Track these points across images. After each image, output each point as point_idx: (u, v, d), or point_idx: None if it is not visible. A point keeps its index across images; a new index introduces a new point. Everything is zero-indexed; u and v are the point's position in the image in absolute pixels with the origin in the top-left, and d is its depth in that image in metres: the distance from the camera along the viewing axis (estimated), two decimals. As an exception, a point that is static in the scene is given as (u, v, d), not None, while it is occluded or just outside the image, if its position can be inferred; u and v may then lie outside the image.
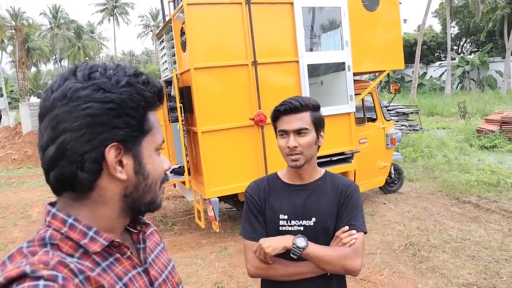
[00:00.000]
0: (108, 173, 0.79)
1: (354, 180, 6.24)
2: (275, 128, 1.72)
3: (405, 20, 45.42)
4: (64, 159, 0.76)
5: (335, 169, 5.88)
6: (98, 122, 0.75)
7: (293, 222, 1.68)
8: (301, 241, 1.56)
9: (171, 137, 6.27)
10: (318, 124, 1.68)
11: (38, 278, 0.67)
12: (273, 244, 1.59)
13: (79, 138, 0.75)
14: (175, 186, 7.11)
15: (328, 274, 1.67)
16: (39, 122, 0.80)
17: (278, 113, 1.67)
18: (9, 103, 36.11)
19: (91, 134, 0.75)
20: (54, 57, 60.36)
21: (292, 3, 5.40)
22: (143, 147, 0.83)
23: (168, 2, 6.09)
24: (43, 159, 0.79)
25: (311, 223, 1.67)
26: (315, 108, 1.68)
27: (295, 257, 1.57)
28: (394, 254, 4.89)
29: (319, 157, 5.65)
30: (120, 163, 0.79)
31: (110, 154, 0.77)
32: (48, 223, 0.79)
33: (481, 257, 4.63)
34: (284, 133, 1.66)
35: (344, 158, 5.89)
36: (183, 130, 5.53)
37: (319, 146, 1.72)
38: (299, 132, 1.63)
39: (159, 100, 0.86)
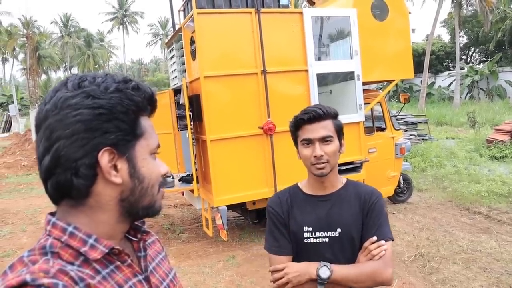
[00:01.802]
0: (103, 178, 0.80)
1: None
2: (297, 137, 1.69)
3: (413, 30, 45.35)
4: (59, 166, 0.77)
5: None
6: (89, 128, 0.77)
7: (318, 234, 1.65)
8: (324, 272, 1.54)
9: (180, 145, 6.29)
10: (340, 131, 1.68)
11: (39, 286, 0.67)
12: (300, 270, 1.59)
13: (72, 144, 0.76)
14: (183, 194, 7.13)
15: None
16: (35, 135, 0.82)
17: (301, 122, 1.64)
18: (20, 109, 36.50)
19: (83, 140, 0.76)
20: (64, 65, 61.02)
21: (301, 13, 5.43)
22: (137, 150, 0.84)
23: (178, 11, 6.14)
24: (40, 170, 0.80)
25: (336, 234, 1.64)
26: (336, 115, 1.68)
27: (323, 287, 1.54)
28: (403, 265, 4.83)
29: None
30: (115, 167, 0.80)
31: (104, 158, 0.78)
32: (49, 232, 0.80)
33: (493, 269, 4.56)
34: (309, 142, 1.63)
35: (353, 167, 5.86)
36: (192, 138, 5.54)
37: (339, 154, 1.70)
38: (324, 140, 1.62)
39: (150, 105, 0.87)
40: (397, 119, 11.58)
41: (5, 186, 10.53)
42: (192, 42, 5.30)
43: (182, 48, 5.84)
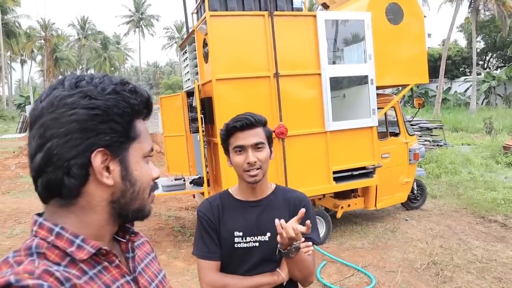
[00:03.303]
0: (95, 179, 0.79)
1: (376, 196, 6.13)
2: (228, 145, 1.72)
3: (429, 35, 44.94)
4: (51, 165, 0.76)
5: (356, 183, 5.80)
6: (84, 128, 0.76)
7: (248, 239, 1.70)
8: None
9: (191, 148, 6.29)
10: (270, 138, 1.73)
11: (23, 287, 0.66)
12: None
13: (66, 143, 0.76)
14: (194, 197, 7.12)
15: (284, 284, 1.70)
16: (28, 132, 0.81)
17: (234, 129, 1.67)
18: (36, 111, 37.02)
19: (77, 140, 0.76)
20: (80, 67, 61.96)
21: (315, 16, 5.39)
22: (130, 153, 0.83)
23: (192, 13, 6.16)
24: (31, 167, 0.80)
25: (266, 238, 1.70)
26: (265, 123, 1.73)
27: (292, 255, 1.53)
28: (415, 273, 4.74)
29: (340, 171, 5.60)
30: (107, 169, 0.80)
31: (97, 159, 0.78)
32: (35, 232, 0.79)
33: (509, 280, 4.44)
34: (241, 149, 1.66)
35: (365, 172, 5.79)
36: (204, 141, 5.54)
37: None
38: (257, 147, 1.66)
39: (146, 108, 0.87)
40: (411, 124, 11.45)
41: (20, 186, 10.67)
42: (205, 44, 5.31)
43: (195, 50, 5.85)
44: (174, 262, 5.30)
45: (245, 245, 1.70)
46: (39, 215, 0.83)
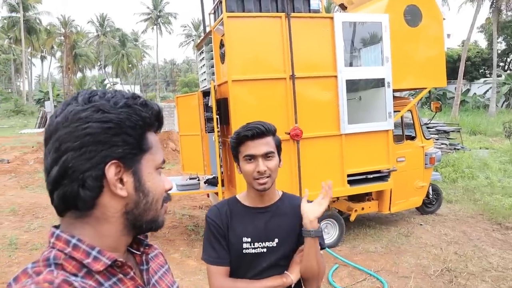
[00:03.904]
0: (109, 190, 0.81)
1: (390, 200, 6.09)
2: (238, 153, 1.75)
3: (448, 35, 44.20)
4: (67, 177, 0.79)
5: (371, 187, 5.76)
6: (98, 141, 0.79)
7: (256, 244, 1.73)
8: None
9: (206, 148, 6.32)
10: (279, 147, 1.77)
11: None
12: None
13: (80, 156, 0.78)
14: (208, 196, 7.17)
15: (292, 286, 1.73)
16: (44, 147, 0.84)
17: (244, 138, 1.70)
18: (55, 106, 37.68)
19: (91, 153, 0.78)
20: (99, 64, 62.78)
21: (332, 18, 5.37)
22: (143, 165, 0.86)
23: (209, 14, 6.19)
24: (47, 181, 0.82)
25: (274, 244, 1.74)
26: (275, 132, 1.76)
27: (318, 235, 1.67)
28: (429, 279, 4.70)
29: (354, 174, 5.57)
30: (121, 180, 0.82)
31: (110, 171, 0.80)
32: (52, 244, 0.82)
33: (524, 289, 4.37)
34: (252, 157, 1.69)
35: (380, 176, 5.75)
36: (219, 141, 5.57)
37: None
38: (267, 156, 1.69)
39: (157, 121, 0.90)
40: (428, 127, 11.30)
41: (38, 181, 10.86)
42: (222, 45, 5.33)
43: (212, 51, 5.88)
44: (187, 261, 5.35)
45: (253, 251, 1.73)
46: (56, 227, 0.85)
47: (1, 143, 18.25)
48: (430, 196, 7.04)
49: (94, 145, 0.78)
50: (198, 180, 6.02)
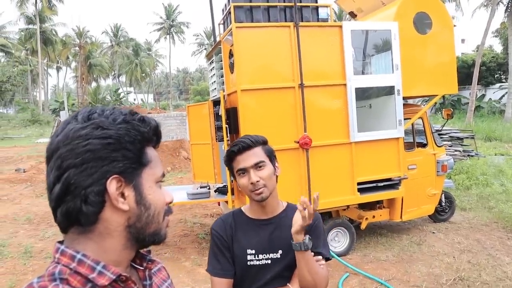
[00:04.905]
0: (111, 205, 0.83)
1: (402, 208, 6.04)
2: (232, 170, 1.78)
3: (463, 40, 43.77)
4: (69, 194, 0.81)
5: (381, 195, 5.73)
6: (98, 157, 0.81)
7: (260, 256, 1.75)
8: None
9: (217, 156, 6.36)
10: (271, 155, 1.78)
11: None
12: None
13: (82, 172, 0.80)
14: (219, 204, 7.20)
15: None
16: (46, 166, 0.86)
17: (232, 154, 1.74)
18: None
19: (92, 168, 0.81)
20: (113, 73, 63.68)
21: (341, 26, 5.39)
22: (143, 178, 0.88)
23: (219, 24, 6.27)
24: (50, 199, 0.85)
25: (278, 255, 1.75)
26: (265, 142, 1.78)
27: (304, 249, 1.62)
28: (441, 289, 4.64)
29: (365, 182, 5.55)
30: (122, 195, 0.84)
31: (112, 186, 0.82)
32: (57, 259, 0.84)
33: (539, 299, 4.29)
34: (243, 171, 1.72)
35: (391, 184, 5.71)
36: (228, 150, 5.59)
37: (277, 177, 1.79)
38: (257, 166, 1.71)
39: (155, 136, 0.92)
40: (440, 134, 11.18)
41: (53, 189, 11.05)
42: (231, 55, 5.39)
43: (221, 60, 5.94)
44: (198, 269, 5.37)
45: (258, 262, 1.75)
46: (60, 242, 0.88)
47: (18, 152, 18.58)
48: (443, 204, 6.96)
49: (95, 161, 0.81)
50: (209, 188, 6.06)
